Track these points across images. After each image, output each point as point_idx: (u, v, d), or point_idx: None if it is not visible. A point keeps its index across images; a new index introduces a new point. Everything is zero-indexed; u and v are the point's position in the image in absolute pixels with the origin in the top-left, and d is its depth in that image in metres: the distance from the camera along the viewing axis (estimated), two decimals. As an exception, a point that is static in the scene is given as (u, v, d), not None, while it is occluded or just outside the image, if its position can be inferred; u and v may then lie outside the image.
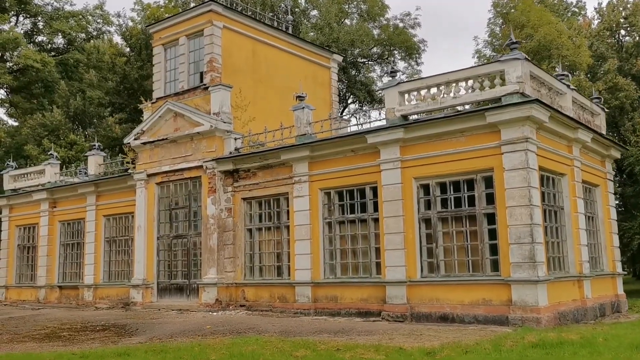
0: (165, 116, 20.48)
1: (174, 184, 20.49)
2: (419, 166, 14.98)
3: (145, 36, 37.03)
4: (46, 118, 44.11)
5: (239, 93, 20.24)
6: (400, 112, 15.46)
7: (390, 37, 40.04)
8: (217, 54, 20.20)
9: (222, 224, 18.94)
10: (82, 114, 45.09)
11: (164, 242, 20.64)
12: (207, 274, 18.75)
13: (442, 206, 14.76)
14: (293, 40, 23.77)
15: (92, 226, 23.17)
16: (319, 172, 16.97)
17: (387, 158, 15.34)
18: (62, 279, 24.59)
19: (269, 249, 18.37)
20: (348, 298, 15.99)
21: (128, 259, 22.17)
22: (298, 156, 17.14)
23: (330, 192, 16.89)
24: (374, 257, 15.90)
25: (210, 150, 19.22)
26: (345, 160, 16.49)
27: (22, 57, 29.31)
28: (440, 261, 14.60)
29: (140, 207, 20.99)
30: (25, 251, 26.51)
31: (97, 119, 45.00)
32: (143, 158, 21.17)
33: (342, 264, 16.59)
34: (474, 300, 13.68)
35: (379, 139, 15.38)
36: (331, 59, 25.69)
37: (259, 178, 18.45)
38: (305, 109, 17.67)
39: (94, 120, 45.40)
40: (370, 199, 16.08)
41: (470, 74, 14.44)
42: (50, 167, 25.55)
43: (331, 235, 16.80)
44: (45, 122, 42.17)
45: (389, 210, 15.23)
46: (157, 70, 21.84)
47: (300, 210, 17.13)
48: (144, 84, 37.16)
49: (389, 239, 15.15)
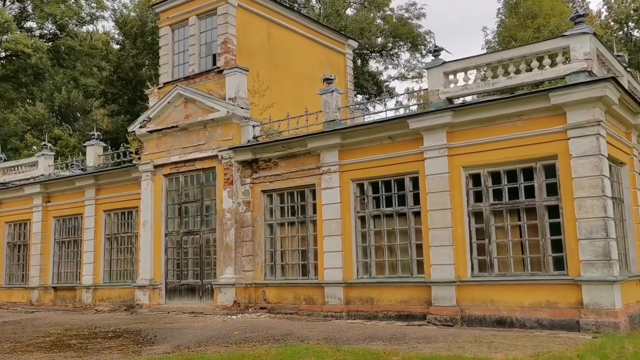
0: (174, 102, 18.80)
1: (184, 175, 18.82)
2: (468, 154, 13.54)
3: (141, 23, 35.29)
4: (29, 112, 42.05)
5: (257, 77, 18.64)
6: (446, 95, 14.02)
7: (396, 27, 38.62)
8: (232, 34, 18.58)
9: (240, 219, 17.33)
10: (67, 108, 43.09)
11: (172, 239, 18.96)
12: (223, 273, 17.13)
13: (495, 198, 13.34)
14: (308, 23, 22.23)
15: (91, 222, 21.38)
16: (351, 161, 15.46)
17: (432, 145, 13.88)
18: (57, 279, 22.76)
19: (292, 246, 16.80)
20: (386, 300, 14.50)
21: (132, 257, 20.44)
22: (327, 144, 15.61)
23: (363, 184, 15.39)
24: (414, 254, 14.43)
25: (226, 138, 17.60)
26: (381, 148, 14.99)
27: (12, 42, 27.30)
28: (493, 259, 13.17)
29: (146, 201, 19.29)
30: (16, 249, 24.61)
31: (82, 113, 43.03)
32: (149, 148, 19.46)
33: (378, 262, 15.09)
34: (536, 303, 12.26)
35: (422, 123, 13.91)
36: (346, 45, 24.20)
37: (281, 168, 16.87)
38: (334, 93, 16.15)
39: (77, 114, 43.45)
40: (410, 190, 14.60)
41: (528, 51, 13.04)
42: (43, 158, 23.68)
43: (364, 230, 15.30)
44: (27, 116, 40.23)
45: (434, 202, 13.77)
46: (165, 53, 20.13)
47: (330, 203, 15.60)
48: (139, 73, 35.39)
49: (434, 235, 13.69)
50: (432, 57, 14.45)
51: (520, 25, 35.24)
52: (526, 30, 34.05)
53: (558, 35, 13.31)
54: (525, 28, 34.49)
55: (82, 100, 42.96)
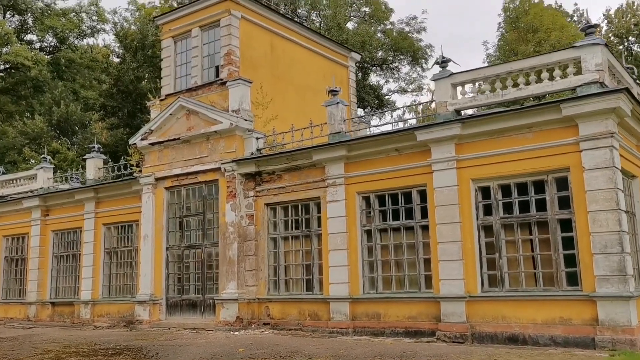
0: (176, 114, 18.56)
1: (185, 188, 18.52)
2: (477, 166, 13.29)
3: (142, 36, 35.18)
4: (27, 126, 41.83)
5: (260, 89, 18.43)
6: (454, 106, 13.80)
7: (396, 41, 38.59)
8: (235, 46, 18.40)
9: (243, 233, 17.02)
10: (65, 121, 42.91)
11: (173, 253, 18.63)
12: (225, 288, 16.78)
13: (506, 211, 13.07)
14: (311, 36, 22.09)
15: (91, 236, 21.02)
16: (357, 173, 15.19)
17: (441, 157, 13.63)
18: (55, 294, 22.34)
19: (296, 260, 16.48)
20: (393, 316, 14.16)
21: (132, 272, 20.07)
22: (333, 156, 15.35)
23: (369, 197, 15.11)
24: (422, 269, 14.13)
25: (229, 150, 17.34)
26: (387, 161, 14.74)
27: (12, 54, 27.08)
28: (504, 274, 12.86)
29: (147, 214, 18.97)
30: (14, 264, 24.21)
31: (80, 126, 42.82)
32: (151, 160, 19.18)
33: (385, 277, 14.77)
34: (549, 319, 11.94)
35: (430, 135, 13.67)
36: (349, 57, 24.06)
37: (285, 181, 16.59)
38: (339, 105, 15.93)
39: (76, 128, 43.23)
40: (418, 203, 14.33)
41: (537, 62, 12.84)
42: (43, 171, 23.36)
43: (371, 244, 15.00)
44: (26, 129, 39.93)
45: (442, 216, 13.49)
46: (167, 65, 19.93)
47: (335, 216, 15.31)
48: (139, 86, 35.21)
49: (443, 249, 13.40)
50: (439, 68, 14.24)
51: (521, 39, 35.24)
52: (527, 44, 34.05)
53: (569, 46, 13.12)
54: (527, 42, 34.50)
55: (80, 114, 42.82)
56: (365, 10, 40.65)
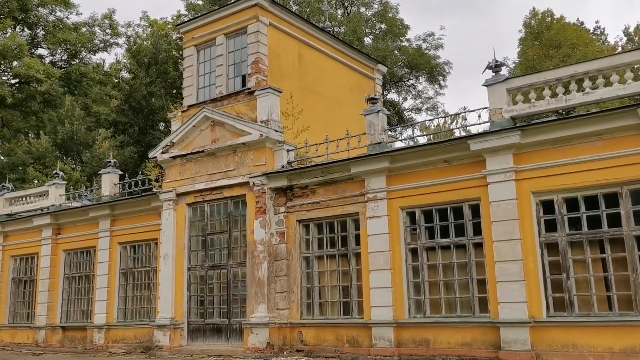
0: (200, 125, 17.48)
1: (209, 204, 17.36)
2: (538, 178, 12.17)
3: (155, 51, 34.35)
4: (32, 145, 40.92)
5: (290, 99, 17.38)
6: (510, 114, 12.72)
7: (414, 57, 37.75)
8: (264, 54, 17.39)
9: (273, 252, 15.81)
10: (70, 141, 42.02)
11: (196, 273, 17.39)
12: (254, 311, 15.51)
13: (572, 227, 11.89)
14: (339, 46, 21.11)
15: (105, 255, 19.78)
16: (400, 187, 14.04)
17: (497, 168, 12.50)
18: (66, 318, 21.01)
19: (332, 281, 15.23)
20: (444, 342, 12.89)
21: (149, 294, 18.79)
22: (374, 168, 14.22)
23: (414, 212, 13.94)
24: (476, 291, 12.89)
25: (258, 163, 16.21)
26: (435, 173, 13.60)
27: (24, 67, 26.12)
28: (573, 296, 11.63)
29: (167, 232, 17.77)
30: (22, 286, 22.92)
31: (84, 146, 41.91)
32: (172, 175, 18.05)
33: (433, 299, 13.52)
34: (629, 348, 10.70)
35: (486, 144, 12.55)
36: (375, 70, 23.07)
37: (319, 196, 15.43)
38: (380, 113, 14.85)
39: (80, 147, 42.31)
40: (470, 219, 13.15)
41: (606, 64, 11.81)
42: (54, 188, 22.19)
43: (417, 264, 13.79)
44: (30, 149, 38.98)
45: (500, 232, 12.31)
46: (189, 75, 18.91)
47: (376, 233, 14.12)
48: (151, 102, 34.29)
49: (501, 269, 12.19)
50: (492, 73, 13.17)
51: (543, 55, 34.34)
52: (551, 60, 33.11)
53: (643, 46, 12.06)
54: (550, 58, 33.57)
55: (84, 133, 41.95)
56: (382, 26, 39.89)
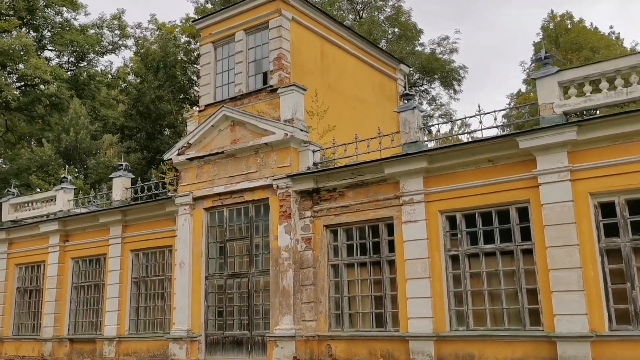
0: (219, 125, 16.50)
1: (229, 209, 16.34)
2: (597, 178, 11.15)
3: (164, 54, 33.47)
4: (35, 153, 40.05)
5: (315, 97, 16.41)
6: (563, 109, 11.72)
7: (429, 61, 36.85)
8: (286, 49, 16.45)
9: (299, 259, 14.77)
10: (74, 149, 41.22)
11: (214, 282, 16.34)
12: (279, 323, 14.45)
13: (636, 232, 10.85)
14: (360, 43, 20.15)
15: (116, 263, 18.73)
16: (439, 189, 13.03)
17: (550, 168, 11.49)
18: (74, 329, 19.91)
19: (363, 291, 14.18)
20: (491, 357, 11.81)
21: (164, 304, 17.73)
22: (410, 169, 13.20)
23: (454, 216, 12.91)
24: (526, 301, 11.82)
25: (282, 165, 15.21)
26: (477, 173, 12.59)
27: (31, 68, 25.18)
28: (639, 308, 10.57)
29: (183, 238, 16.75)
30: (27, 295, 21.84)
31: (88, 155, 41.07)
32: (188, 178, 17.05)
33: (476, 311, 12.45)
34: None
35: (537, 142, 11.55)
36: (397, 70, 22.12)
37: (348, 199, 14.41)
38: (415, 110, 13.85)
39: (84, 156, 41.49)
40: (518, 223, 12.12)
41: (671, 53, 10.79)
42: (62, 192, 21.18)
43: (458, 272, 12.73)
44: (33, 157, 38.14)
45: (554, 237, 11.27)
46: (206, 73, 17.95)
47: (413, 239, 13.08)
48: (160, 106, 33.37)
49: (556, 277, 11.14)
50: (542, 64, 12.20)
51: (563, 59, 33.44)
52: (571, 64, 32.19)
53: None
54: (569, 62, 32.66)
55: (89, 142, 41.17)
56: (395, 31, 39.03)
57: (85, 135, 40.25)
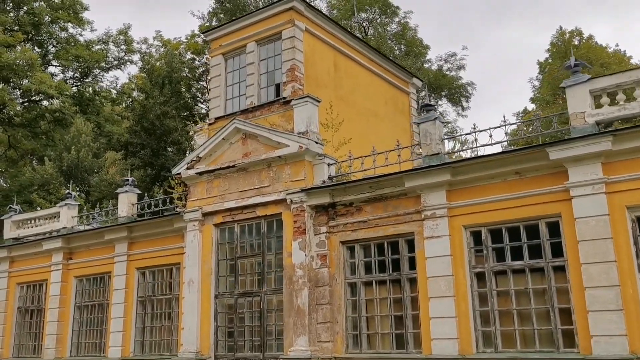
0: (230, 138, 15.97)
1: (239, 225, 15.74)
2: (633, 190, 10.59)
3: (170, 69, 33.12)
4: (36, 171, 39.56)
5: (329, 109, 15.91)
6: (595, 118, 11.19)
7: (436, 78, 36.50)
8: (300, 61, 16.00)
9: (314, 277, 14.14)
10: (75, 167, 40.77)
11: (224, 302, 15.68)
12: (294, 344, 13.76)
13: (677, 247, 10.26)
14: (373, 56, 19.73)
15: (122, 282, 18.07)
16: (463, 203, 12.44)
17: (583, 180, 10.92)
18: (77, 351, 19.16)
19: (382, 310, 13.50)
20: (523, 382, 11.13)
21: (171, 324, 17.03)
22: (432, 182, 12.63)
23: (479, 231, 12.31)
24: (558, 322, 11.17)
25: (296, 179, 14.64)
26: (504, 186, 12.02)
27: (36, 82, 24.73)
28: (683, 328, 9.93)
29: (192, 256, 16.12)
30: (28, 315, 21.09)
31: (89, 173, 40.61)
32: (198, 192, 16.47)
33: (504, 331, 11.78)
34: None
35: (569, 153, 11.00)
36: (410, 83, 21.69)
37: (366, 214, 13.81)
38: (437, 121, 13.32)
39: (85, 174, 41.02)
40: (548, 238, 11.51)
41: None
42: (67, 209, 20.57)
43: (484, 291, 12.09)
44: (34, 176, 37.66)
45: (589, 253, 10.66)
46: (216, 85, 17.50)
47: (436, 255, 12.47)
48: (165, 122, 32.93)
49: (592, 296, 10.51)
50: (572, 71, 11.70)
51: (572, 75, 33.01)
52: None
53: None
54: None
55: (90, 160, 40.69)
56: (402, 47, 38.76)
57: (86, 153, 39.83)
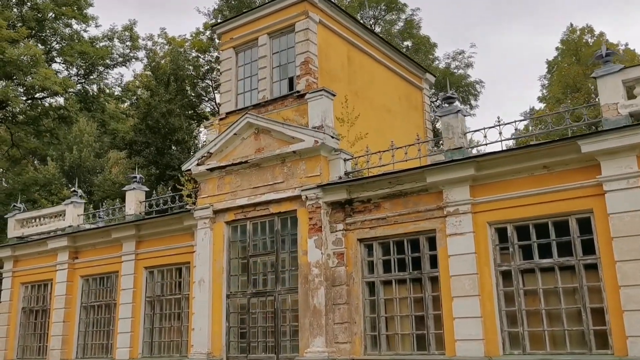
0: (242, 133, 15.51)
1: (252, 222, 15.27)
2: (671, 184, 10.10)
3: (175, 66, 32.68)
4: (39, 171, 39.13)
5: (345, 102, 15.44)
6: (629, 109, 10.73)
7: (445, 75, 36.02)
8: (314, 53, 15.54)
9: (331, 276, 13.66)
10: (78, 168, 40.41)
11: (236, 302, 15.21)
12: (310, 345, 13.28)
13: None
14: (387, 50, 19.25)
15: (129, 282, 17.61)
16: (487, 199, 11.96)
17: (617, 174, 10.44)
18: (83, 352, 18.70)
19: (402, 310, 13.02)
20: (553, 385, 10.65)
21: (180, 325, 16.56)
22: (455, 177, 12.15)
23: (505, 228, 11.83)
24: (590, 322, 10.69)
25: (312, 174, 14.17)
26: (531, 181, 11.55)
27: (40, 78, 24.30)
28: None
29: (202, 254, 15.65)
30: (33, 316, 20.63)
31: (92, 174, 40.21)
32: (208, 189, 16.01)
33: (532, 332, 11.30)
34: None
35: (602, 145, 10.52)
36: (423, 79, 21.21)
37: (385, 211, 13.34)
38: (459, 114, 12.83)
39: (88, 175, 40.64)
40: (578, 235, 11.03)
41: None
42: (72, 207, 20.11)
43: (510, 290, 11.61)
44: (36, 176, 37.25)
45: (624, 251, 10.19)
46: (227, 79, 17.04)
47: (460, 253, 11.99)
48: (170, 120, 32.49)
49: (628, 295, 10.03)
50: (603, 61, 11.24)
51: (583, 74, 32.58)
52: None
53: None
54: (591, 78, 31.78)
55: (93, 160, 40.27)
56: (408, 44, 38.31)
57: (88, 153, 39.36)
